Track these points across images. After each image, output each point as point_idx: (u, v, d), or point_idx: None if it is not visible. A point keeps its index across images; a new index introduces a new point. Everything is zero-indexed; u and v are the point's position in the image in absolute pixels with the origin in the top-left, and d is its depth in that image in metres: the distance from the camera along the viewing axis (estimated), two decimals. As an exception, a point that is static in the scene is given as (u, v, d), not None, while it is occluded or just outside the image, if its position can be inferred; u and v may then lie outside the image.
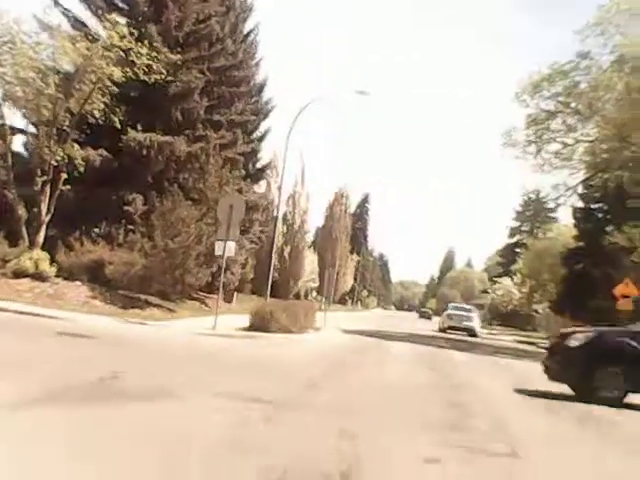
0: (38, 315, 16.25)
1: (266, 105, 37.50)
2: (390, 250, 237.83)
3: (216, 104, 29.73)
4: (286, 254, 56.62)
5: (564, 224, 61.93)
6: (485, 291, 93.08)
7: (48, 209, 21.95)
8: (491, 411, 10.01)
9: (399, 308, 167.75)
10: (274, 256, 34.79)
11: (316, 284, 67.54)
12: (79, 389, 7.37)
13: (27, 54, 20.83)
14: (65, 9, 27.87)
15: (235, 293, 34.42)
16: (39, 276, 20.56)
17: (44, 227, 21.92)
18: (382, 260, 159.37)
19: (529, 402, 11.77)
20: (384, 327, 39.03)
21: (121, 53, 21.83)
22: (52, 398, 6.64)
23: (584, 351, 12.23)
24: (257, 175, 37.05)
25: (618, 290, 30.20)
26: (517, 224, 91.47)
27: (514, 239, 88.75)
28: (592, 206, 47.85)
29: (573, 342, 12.50)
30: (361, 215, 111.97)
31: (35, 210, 21.98)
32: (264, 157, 39.14)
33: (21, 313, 16.01)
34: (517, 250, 79.86)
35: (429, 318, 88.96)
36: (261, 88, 37.14)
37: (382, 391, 11.02)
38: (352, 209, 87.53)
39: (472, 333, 41.37)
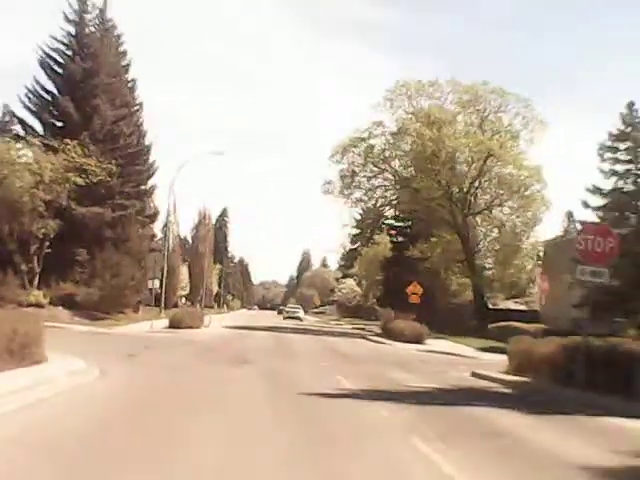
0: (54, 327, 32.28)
1: (152, 166, 53.68)
2: (251, 253, 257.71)
3: (126, 179, 46.07)
4: (165, 272, 72.96)
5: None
6: (332, 290, 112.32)
7: (38, 264, 38.00)
8: (294, 350, 27.88)
9: (262, 308, 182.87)
10: (164, 275, 51.64)
11: (186, 292, 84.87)
12: (138, 351, 23.96)
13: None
14: (20, 119, 44.20)
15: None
16: (39, 305, 36.41)
17: (37, 276, 37.97)
18: (242, 265, 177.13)
19: (313, 344, 29.69)
20: (250, 323, 56.58)
21: (75, 165, 38.13)
22: (132, 353, 23.35)
23: None
24: (150, 219, 53.41)
25: (409, 290, 47.98)
26: (358, 231, 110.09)
27: (356, 245, 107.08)
28: (400, 224, 66.91)
29: None
30: (220, 228, 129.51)
31: (30, 265, 37.96)
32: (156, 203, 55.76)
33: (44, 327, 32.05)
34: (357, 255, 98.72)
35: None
36: (148, 152, 53.25)
37: (252, 348, 28.58)
38: (213, 221, 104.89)
39: (299, 319, 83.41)
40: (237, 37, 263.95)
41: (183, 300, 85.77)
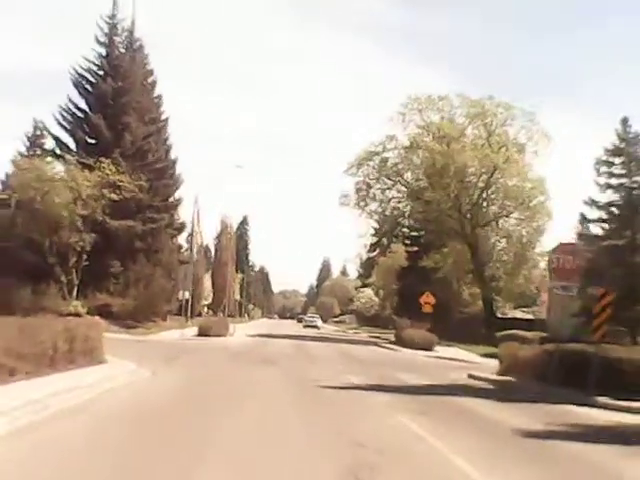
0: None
1: (178, 179, 57.04)
2: (271, 262, 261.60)
3: (155, 193, 49.55)
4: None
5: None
6: (351, 299, 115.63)
7: (77, 276, 41.59)
8: (312, 355, 31.21)
9: (282, 317, 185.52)
10: (190, 287, 54.91)
11: (208, 301, 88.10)
12: (176, 355, 27.51)
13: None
14: (55, 136, 48.16)
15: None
16: (77, 315, 39.82)
17: (76, 287, 41.57)
18: (263, 273, 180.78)
19: (324, 349, 33.01)
20: (272, 331, 60.07)
21: (109, 181, 41.70)
22: (172, 357, 26.84)
23: None
24: (178, 231, 56.84)
25: (422, 299, 50.98)
26: (375, 240, 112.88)
27: (374, 253, 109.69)
28: (414, 234, 70.02)
29: None
30: (241, 236, 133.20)
31: (69, 277, 41.53)
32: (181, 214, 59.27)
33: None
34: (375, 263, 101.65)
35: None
36: (174, 166, 56.59)
37: (275, 353, 31.91)
38: (234, 229, 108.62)
39: (316, 327, 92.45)
40: (237, 37, 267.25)
41: (206, 309, 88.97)
